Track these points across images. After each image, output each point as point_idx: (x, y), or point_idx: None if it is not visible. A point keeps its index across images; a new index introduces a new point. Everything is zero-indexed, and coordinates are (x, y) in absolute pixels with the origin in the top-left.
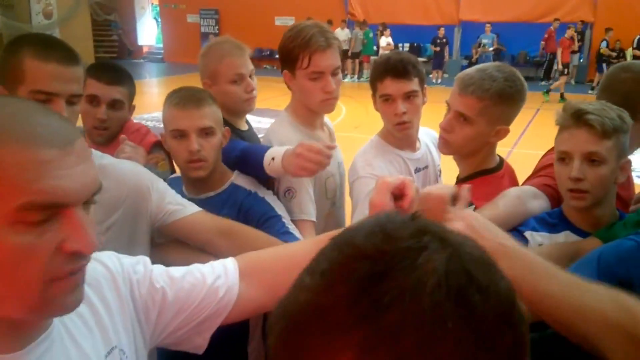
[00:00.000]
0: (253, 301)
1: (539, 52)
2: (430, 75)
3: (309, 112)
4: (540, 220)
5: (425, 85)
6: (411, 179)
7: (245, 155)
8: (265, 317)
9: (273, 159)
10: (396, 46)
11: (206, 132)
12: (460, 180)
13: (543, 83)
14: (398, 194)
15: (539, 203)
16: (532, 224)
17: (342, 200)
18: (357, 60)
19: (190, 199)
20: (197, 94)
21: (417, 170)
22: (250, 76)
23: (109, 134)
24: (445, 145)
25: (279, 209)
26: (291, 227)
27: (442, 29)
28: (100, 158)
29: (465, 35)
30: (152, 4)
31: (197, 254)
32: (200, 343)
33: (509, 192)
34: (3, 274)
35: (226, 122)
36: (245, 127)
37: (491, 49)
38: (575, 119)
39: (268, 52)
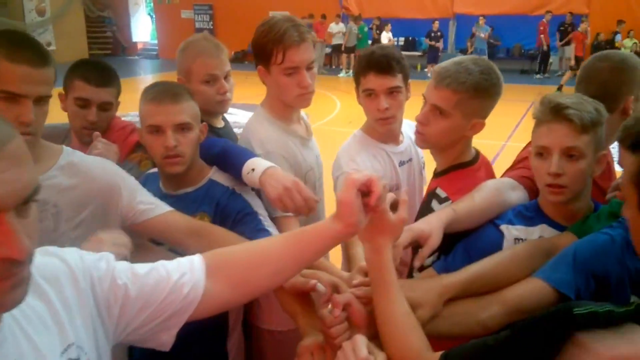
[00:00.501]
0: (219, 297)
1: (537, 44)
2: (425, 69)
3: (285, 107)
4: (517, 213)
5: (409, 81)
6: (378, 176)
7: (225, 156)
8: (246, 313)
9: (253, 169)
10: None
11: (182, 127)
12: (436, 175)
13: (538, 76)
14: (365, 191)
15: (517, 195)
16: (509, 216)
17: (321, 192)
18: (351, 55)
19: (167, 195)
20: (173, 89)
21: (401, 163)
22: (225, 77)
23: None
24: (421, 138)
25: (256, 205)
26: (267, 224)
27: (437, 22)
28: (71, 155)
29: (460, 29)
30: (147, 0)
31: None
32: (166, 340)
33: (487, 184)
34: None
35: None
36: (221, 124)
37: (483, 35)
38: (554, 113)
39: None
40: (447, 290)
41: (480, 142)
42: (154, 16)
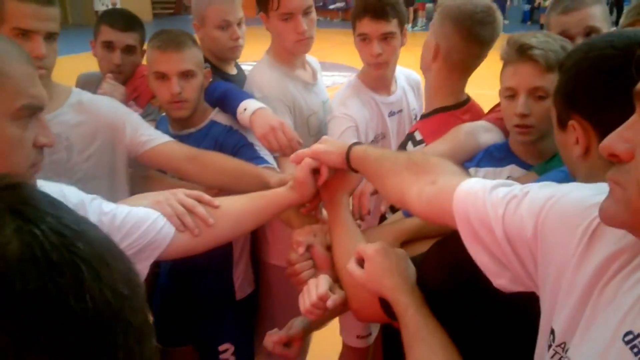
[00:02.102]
0: (186, 242)
1: None
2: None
3: (287, 52)
4: (487, 154)
5: (405, 27)
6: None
7: (224, 98)
8: (253, 244)
9: (245, 109)
10: None
11: (187, 74)
12: (421, 117)
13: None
14: (317, 169)
15: (491, 136)
16: (477, 158)
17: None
18: (411, 8)
19: (174, 135)
20: (177, 37)
21: (391, 113)
22: (238, 24)
23: (123, 78)
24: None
25: (252, 138)
26: (263, 153)
27: None
28: (79, 94)
29: None
30: None
31: (176, 185)
32: (140, 270)
33: (460, 127)
34: (4, 157)
35: (214, 67)
36: (233, 71)
37: None
38: (519, 53)
39: (321, 3)
40: (402, 234)
41: None
42: None
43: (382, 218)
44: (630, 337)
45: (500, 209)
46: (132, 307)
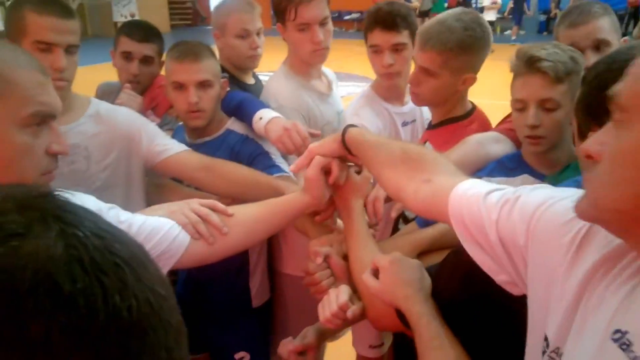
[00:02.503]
0: (200, 251)
1: (629, 4)
2: (508, 32)
3: (303, 63)
4: (499, 164)
5: None
6: (337, 161)
7: (240, 107)
8: (269, 254)
9: (261, 118)
10: (469, 2)
11: (204, 84)
12: (429, 127)
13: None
14: (328, 170)
15: (501, 147)
16: (490, 168)
17: None
18: (425, 19)
19: (190, 144)
20: (195, 48)
21: (405, 124)
22: (257, 34)
23: (141, 88)
24: (416, 98)
25: (268, 147)
26: (279, 161)
27: None
28: (98, 105)
29: None
30: None
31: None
32: None
33: (471, 137)
34: (12, 165)
35: (232, 76)
36: (251, 81)
37: None
38: (528, 66)
39: (337, 14)
40: (419, 244)
41: None
42: None
43: (394, 225)
44: (618, 335)
45: (494, 214)
46: (170, 308)
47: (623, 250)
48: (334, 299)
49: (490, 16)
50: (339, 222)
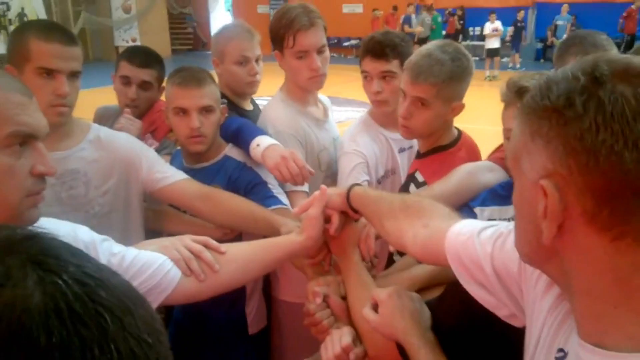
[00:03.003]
0: (191, 286)
1: (626, 30)
2: (506, 59)
3: (300, 89)
4: (492, 193)
5: None
6: (338, 213)
7: (238, 133)
8: (265, 280)
9: (258, 145)
10: (467, 30)
11: (206, 109)
12: (417, 156)
13: None
14: (327, 217)
15: (494, 175)
16: (482, 197)
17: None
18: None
19: (187, 169)
20: (198, 74)
21: (402, 150)
22: (256, 61)
23: (139, 112)
24: (407, 131)
25: (266, 176)
26: (276, 192)
27: (522, 11)
28: (98, 130)
29: (540, 17)
30: None
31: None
32: None
33: (462, 167)
34: None
35: (231, 102)
36: (249, 107)
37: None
38: (518, 96)
39: (335, 40)
40: (418, 281)
41: None
42: (232, 11)
43: (390, 259)
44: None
45: (489, 247)
46: (157, 355)
47: None
48: (337, 341)
49: (493, 43)
50: (335, 261)
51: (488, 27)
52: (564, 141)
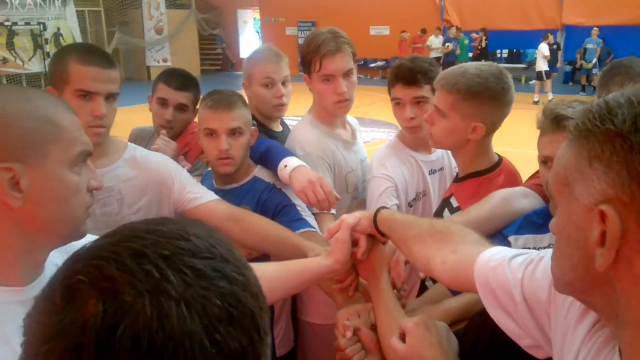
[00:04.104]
0: None
1: None
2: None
3: (327, 112)
4: (527, 221)
5: None
6: (365, 237)
7: (267, 154)
8: (293, 302)
9: (286, 166)
10: (493, 52)
11: (235, 132)
12: (455, 180)
13: None
14: (355, 241)
15: (529, 202)
16: (517, 225)
17: (364, 195)
18: None
19: (217, 190)
20: (228, 98)
21: (432, 172)
22: (283, 83)
23: (174, 133)
24: (430, 138)
25: (294, 198)
26: (305, 214)
27: (552, 35)
28: (134, 150)
29: (569, 40)
30: (255, 18)
31: None
32: None
33: (496, 193)
34: (65, 203)
35: (260, 124)
36: (278, 129)
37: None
38: (554, 124)
39: (362, 62)
40: (447, 316)
41: None
42: (260, 33)
43: (422, 285)
44: None
45: (519, 274)
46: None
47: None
48: None
49: (542, 66)
50: (363, 285)
51: (543, 49)
52: (628, 166)
